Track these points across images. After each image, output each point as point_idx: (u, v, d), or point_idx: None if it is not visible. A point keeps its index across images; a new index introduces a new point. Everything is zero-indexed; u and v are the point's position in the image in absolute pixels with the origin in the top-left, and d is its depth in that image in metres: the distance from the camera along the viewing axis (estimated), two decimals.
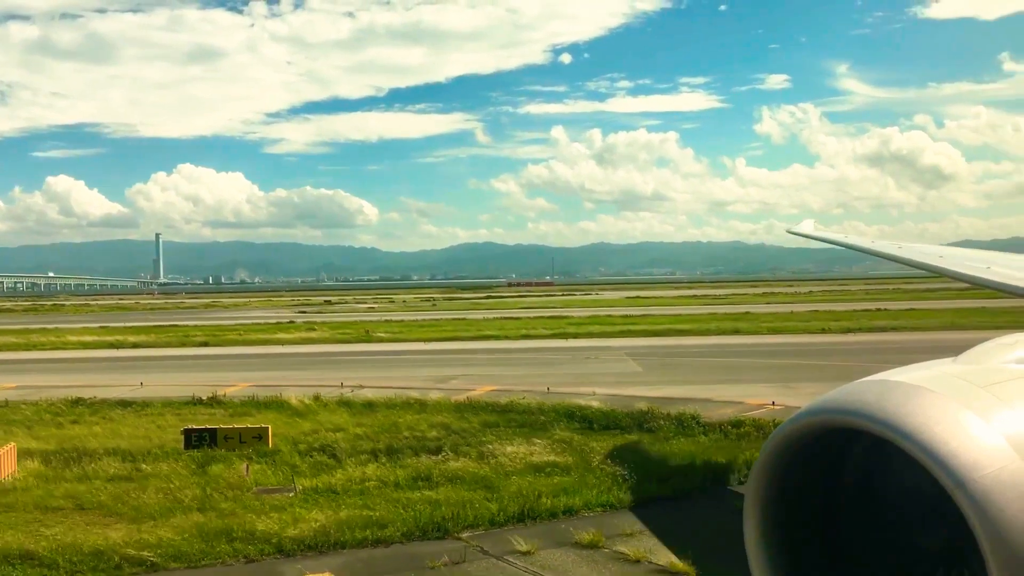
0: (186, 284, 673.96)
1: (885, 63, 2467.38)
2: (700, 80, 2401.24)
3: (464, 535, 18.20)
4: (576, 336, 67.64)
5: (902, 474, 3.95)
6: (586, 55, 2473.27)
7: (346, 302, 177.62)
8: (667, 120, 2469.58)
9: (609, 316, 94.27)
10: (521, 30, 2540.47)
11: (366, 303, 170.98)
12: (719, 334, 66.81)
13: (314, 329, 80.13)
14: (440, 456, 24.83)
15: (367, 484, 21.74)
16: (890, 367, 4.12)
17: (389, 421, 30.38)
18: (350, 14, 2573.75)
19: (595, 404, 31.83)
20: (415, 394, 35.60)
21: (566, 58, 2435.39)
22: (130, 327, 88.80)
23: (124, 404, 34.99)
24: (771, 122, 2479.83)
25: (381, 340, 69.27)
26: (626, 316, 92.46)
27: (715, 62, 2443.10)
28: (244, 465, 23.29)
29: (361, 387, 39.09)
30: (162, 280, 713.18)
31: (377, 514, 19.14)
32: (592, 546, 17.24)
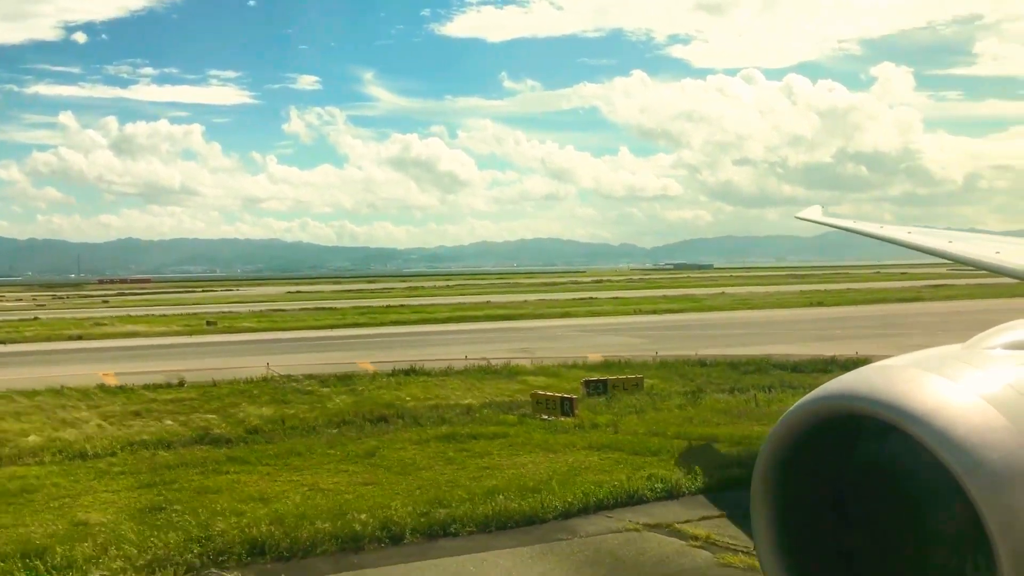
0: None
1: (407, 74, 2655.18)
2: (231, 74, 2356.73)
3: None
4: (476, 321, 72.58)
5: (910, 460, 3.96)
6: (104, 36, 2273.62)
7: None
8: (196, 112, 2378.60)
9: (399, 305, 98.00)
10: (26, 2, 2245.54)
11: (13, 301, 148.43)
12: (584, 316, 75.56)
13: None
14: (773, 394, 30.66)
15: None
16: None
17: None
18: None
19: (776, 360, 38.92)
20: (593, 360, 40.42)
21: (80, 37, 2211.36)
22: None
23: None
24: (300, 122, 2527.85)
25: (247, 330, 67.38)
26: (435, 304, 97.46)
27: (246, 57, 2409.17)
28: (753, 394, 28.90)
29: (486, 359, 40.42)
30: None
31: None
32: None
